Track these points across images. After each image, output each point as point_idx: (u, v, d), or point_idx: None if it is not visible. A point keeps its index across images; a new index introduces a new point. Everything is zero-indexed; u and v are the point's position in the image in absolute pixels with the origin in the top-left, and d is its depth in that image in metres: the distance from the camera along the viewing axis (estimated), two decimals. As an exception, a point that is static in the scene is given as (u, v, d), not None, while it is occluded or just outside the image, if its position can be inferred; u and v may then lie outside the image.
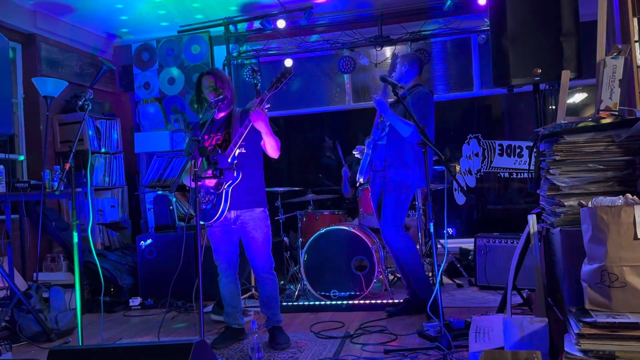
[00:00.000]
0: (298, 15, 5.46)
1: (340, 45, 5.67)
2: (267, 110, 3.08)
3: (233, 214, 3.21)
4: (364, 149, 3.93)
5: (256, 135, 3.20)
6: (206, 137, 3.26)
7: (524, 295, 3.46)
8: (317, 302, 4.19)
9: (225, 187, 3.12)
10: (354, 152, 4.04)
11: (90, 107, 3.10)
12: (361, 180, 3.89)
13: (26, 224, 4.28)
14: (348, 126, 6.51)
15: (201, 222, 3.20)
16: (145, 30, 5.90)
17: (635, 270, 1.93)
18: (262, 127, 3.07)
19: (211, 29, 5.76)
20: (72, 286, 3.14)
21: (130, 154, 5.98)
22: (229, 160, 3.10)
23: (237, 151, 3.13)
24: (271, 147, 3.19)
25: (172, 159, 5.72)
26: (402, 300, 3.91)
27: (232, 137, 3.15)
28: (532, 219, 2.75)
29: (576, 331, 1.90)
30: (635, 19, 2.79)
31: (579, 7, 3.29)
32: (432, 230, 3.10)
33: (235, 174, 3.10)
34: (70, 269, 4.85)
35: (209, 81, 3.26)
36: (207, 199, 3.17)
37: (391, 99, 3.83)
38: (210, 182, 3.17)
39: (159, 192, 5.31)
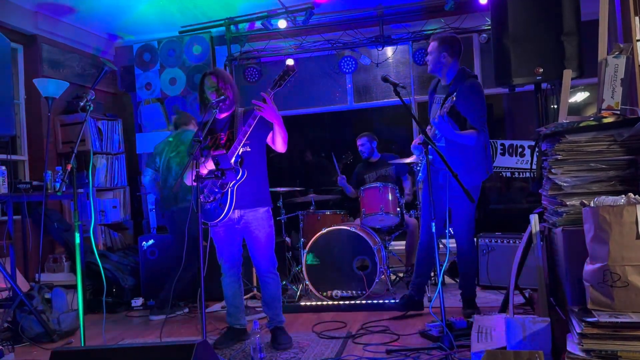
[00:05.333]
0: (299, 15, 5.46)
1: (342, 45, 5.66)
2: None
3: (237, 213, 3.20)
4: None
5: (260, 133, 3.19)
6: (209, 137, 3.26)
7: (526, 295, 3.45)
8: (319, 302, 4.18)
9: (230, 185, 3.12)
10: (416, 158, 3.77)
11: (92, 108, 3.09)
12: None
13: (28, 224, 4.28)
14: (350, 126, 6.51)
15: (204, 222, 3.18)
16: (146, 30, 5.90)
17: (638, 269, 1.93)
18: (274, 119, 3.06)
19: (212, 29, 5.76)
20: (74, 287, 3.13)
21: (131, 154, 5.98)
22: (232, 160, 3.09)
23: (242, 149, 3.12)
24: (282, 139, 3.15)
25: (174, 160, 5.71)
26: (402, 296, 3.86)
27: (235, 136, 3.14)
28: (534, 218, 2.74)
29: (578, 331, 1.90)
30: (637, 18, 2.78)
31: (580, 6, 3.29)
32: (433, 229, 3.10)
33: (238, 173, 3.10)
34: (73, 270, 4.85)
35: (211, 81, 3.26)
36: (212, 198, 3.16)
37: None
38: (215, 182, 3.16)
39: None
